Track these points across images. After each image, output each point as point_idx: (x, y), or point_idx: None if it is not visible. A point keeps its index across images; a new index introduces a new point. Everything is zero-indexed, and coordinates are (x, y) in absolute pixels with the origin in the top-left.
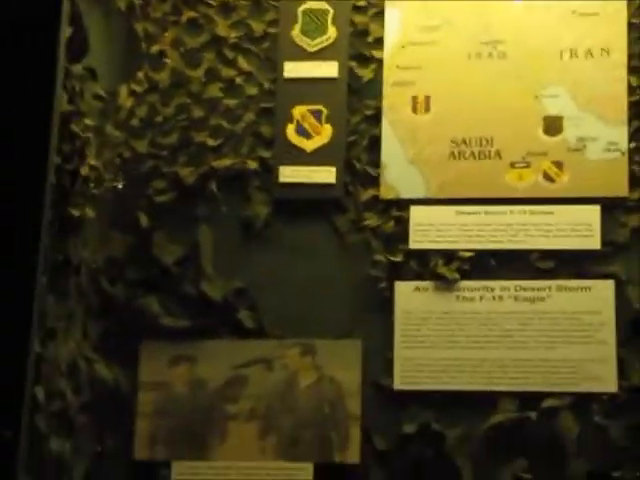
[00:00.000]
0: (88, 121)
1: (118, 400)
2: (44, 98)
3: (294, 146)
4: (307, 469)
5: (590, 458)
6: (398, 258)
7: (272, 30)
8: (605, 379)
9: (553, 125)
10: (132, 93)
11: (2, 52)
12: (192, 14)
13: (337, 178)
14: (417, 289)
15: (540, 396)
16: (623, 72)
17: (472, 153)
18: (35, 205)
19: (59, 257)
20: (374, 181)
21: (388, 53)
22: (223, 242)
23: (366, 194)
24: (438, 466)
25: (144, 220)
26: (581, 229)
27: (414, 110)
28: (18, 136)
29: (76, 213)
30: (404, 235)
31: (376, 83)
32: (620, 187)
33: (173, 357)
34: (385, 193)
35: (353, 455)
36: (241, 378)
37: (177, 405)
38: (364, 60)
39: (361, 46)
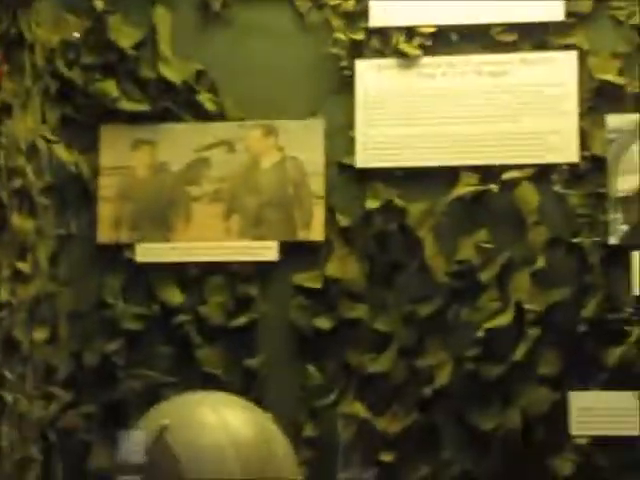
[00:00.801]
0: None
1: (80, 184)
2: None
3: None
4: (272, 247)
5: (550, 226)
6: (359, 36)
7: None
8: (566, 150)
9: None
10: None
11: None
12: None
13: None
14: (378, 67)
15: (501, 169)
16: None
17: None
18: None
19: (12, 30)
20: None
21: None
22: (181, 24)
23: None
24: (401, 240)
25: (98, 2)
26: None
27: None
28: None
29: None
30: (365, 12)
31: None
32: None
33: (134, 141)
34: None
35: (317, 232)
36: (203, 161)
37: (140, 188)
38: None
39: None
